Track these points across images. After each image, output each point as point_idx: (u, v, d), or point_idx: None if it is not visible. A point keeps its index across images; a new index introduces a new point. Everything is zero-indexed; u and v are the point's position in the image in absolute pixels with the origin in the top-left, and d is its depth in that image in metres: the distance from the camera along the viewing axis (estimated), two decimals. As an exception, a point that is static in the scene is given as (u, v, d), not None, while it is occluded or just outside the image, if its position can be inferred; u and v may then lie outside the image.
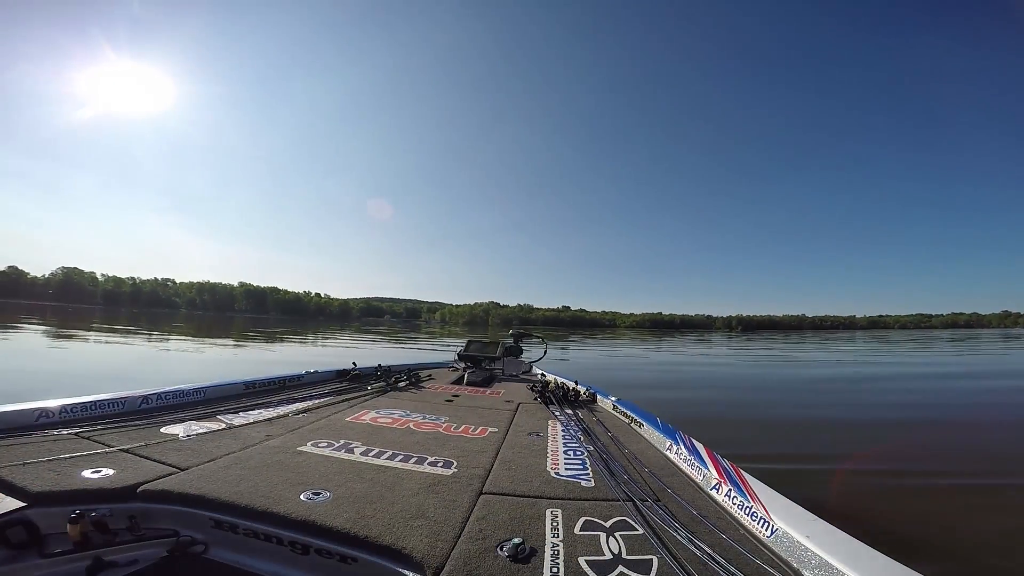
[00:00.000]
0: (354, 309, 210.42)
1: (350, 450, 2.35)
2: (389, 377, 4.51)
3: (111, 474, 1.86)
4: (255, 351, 17.73)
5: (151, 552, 1.70)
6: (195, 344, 19.18)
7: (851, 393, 10.88)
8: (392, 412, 3.25)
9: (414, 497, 1.81)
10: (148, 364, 12.56)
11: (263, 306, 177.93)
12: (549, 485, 2.04)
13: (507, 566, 1.39)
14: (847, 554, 1.37)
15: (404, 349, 19.96)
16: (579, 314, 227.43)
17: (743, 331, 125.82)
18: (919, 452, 5.63)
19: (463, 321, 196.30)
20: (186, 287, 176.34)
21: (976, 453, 5.57)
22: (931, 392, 10.92)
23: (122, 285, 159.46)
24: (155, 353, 15.28)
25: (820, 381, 12.75)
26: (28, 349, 14.23)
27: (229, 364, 13.46)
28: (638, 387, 10.59)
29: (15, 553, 1.53)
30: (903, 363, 18.52)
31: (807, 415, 7.86)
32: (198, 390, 3.25)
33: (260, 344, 20.97)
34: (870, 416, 7.85)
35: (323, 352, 18.67)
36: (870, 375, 14.20)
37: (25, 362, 11.46)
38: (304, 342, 23.16)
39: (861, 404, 9.28)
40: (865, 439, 6.22)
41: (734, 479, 1.97)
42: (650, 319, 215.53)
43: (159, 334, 23.62)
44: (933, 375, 14.24)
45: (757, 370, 15.67)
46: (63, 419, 2.49)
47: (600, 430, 3.04)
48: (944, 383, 12.48)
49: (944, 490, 4.28)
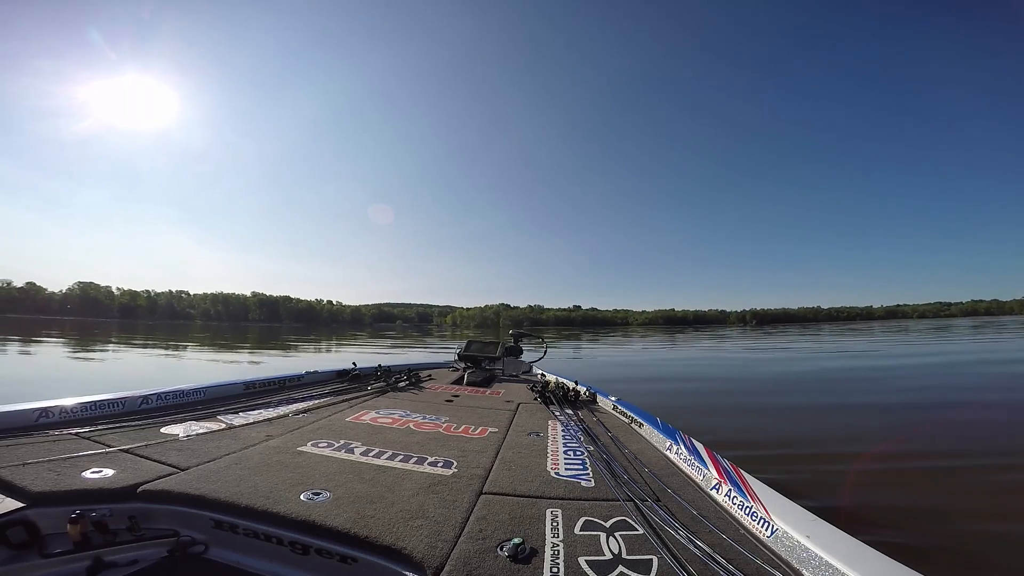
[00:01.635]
0: (366, 315, 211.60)
1: (350, 450, 2.35)
2: (389, 377, 4.52)
3: (111, 474, 1.86)
4: (275, 357, 17.90)
5: (151, 552, 1.70)
6: (221, 353, 19.37)
7: (858, 383, 10.73)
8: (392, 412, 3.25)
9: (414, 497, 1.81)
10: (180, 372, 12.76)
11: (276, 315, 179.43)
12: (549, 485, 2.04)
13: (507, 566, 1.39)
14: (847, 554, 1.37)
15: (405, 350, 19.94)
16: (590, 313, 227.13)
17: (758, 325, 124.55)
18: (934, 445, 5.54)
19: (474, 324, 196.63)
20: (200, 299, 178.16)
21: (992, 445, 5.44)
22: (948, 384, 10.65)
23: (137, 298, 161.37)
24: (193, 363, 15.47)
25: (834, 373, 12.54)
26: (59, 364, 14.35)
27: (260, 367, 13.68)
28: (635, 385, 10.53)
29: (15, 553, 1.53)
30: (919, 353, 18.11)
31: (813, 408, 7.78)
32: (198, 390, 3.26)
33: (281, 351, 21.21)
34: (880, 409, 7.73)
35: (338, 357, 18.67)
36: (880, 367, 13.94)
37: (63, 373, 11.52)
38: (318, 349, 23.21)
39: (871, 396, 9.14)
40: (877, 434, 6.11)
41: (734, 479, 1.97)
42: (663, 316, 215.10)
43: (193, 344, 23.88)
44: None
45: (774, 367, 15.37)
46: (63, 419, 2.50)
47: (600, 430, 3.03)
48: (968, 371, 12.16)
49: (955, 483, 4.21)
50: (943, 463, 4.88)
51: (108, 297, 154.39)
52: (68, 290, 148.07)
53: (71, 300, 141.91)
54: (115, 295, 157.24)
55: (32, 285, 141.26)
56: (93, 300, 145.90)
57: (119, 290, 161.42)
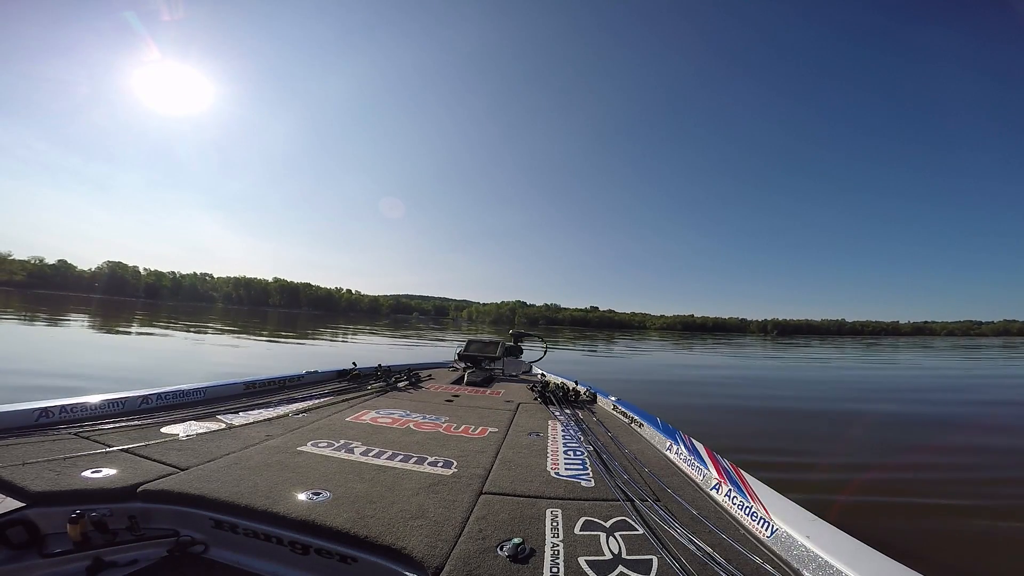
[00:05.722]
0: (383, 306, 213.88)
1: (350, 450, 2.35)
2: (389, 377, 4.52)
3: (111, 474, 1.86)
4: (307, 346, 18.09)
5: (151, 552, 1.70)
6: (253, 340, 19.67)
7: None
8: (392, 412, 3.24)
9: (414, 497, 1.81)
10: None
11: (296, 301, 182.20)
12: (549, 485, 2.04)
13: (507, 566, 1.38)
14: (847, 554, 1.37)
15: (405, 349, 20.01)
16: (607, 315, 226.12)
17: (779, 335, 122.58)
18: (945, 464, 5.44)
19: (489, 320, 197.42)
20: (223, 282, 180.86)
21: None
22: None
23: (163, 279, 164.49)
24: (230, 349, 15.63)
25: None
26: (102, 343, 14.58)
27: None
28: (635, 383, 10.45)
29: (15, 553, 1.53)
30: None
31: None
32: (198, 390, 3.25)
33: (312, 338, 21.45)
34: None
35: (355, 349, 18.77)
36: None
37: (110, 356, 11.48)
38: (336, 340, 23.44)
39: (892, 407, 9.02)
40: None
41: (734, 479, 1.97)
42: (681, 321, 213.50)
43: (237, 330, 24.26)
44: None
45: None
46: (63, 419, 2.49)
47: (600, 430, 3.03)
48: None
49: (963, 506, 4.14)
50: (951, 475, 4.86)
51: (135, 276, 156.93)
52: (97, 269, 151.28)
53: (99, 278, 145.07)
54: (141, 275, 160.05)
55: (63, 263, 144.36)
56: (120, 279, 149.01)
57: (146, 270, 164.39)
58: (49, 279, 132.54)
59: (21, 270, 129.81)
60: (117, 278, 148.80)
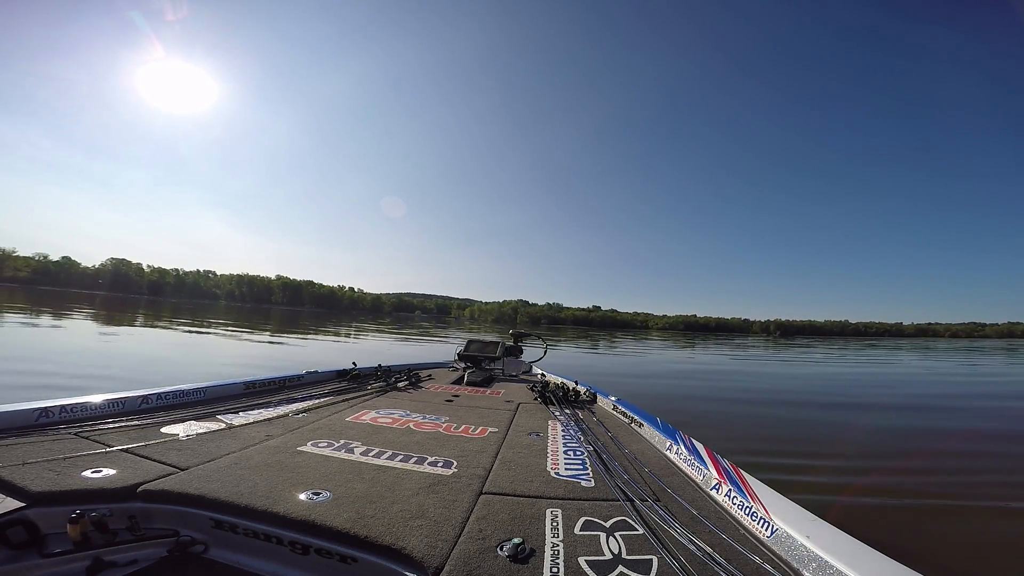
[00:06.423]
0: (386, 304, 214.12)
1: (350, 450, 2.34)
2: (389, 377, 4.50)
3: (111, 474, 1.86)
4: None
5: (151, 552, 1.70)
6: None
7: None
8: (392, 412, 3.24)
9: (414, 497, 1.80)
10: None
11: (299, 299, 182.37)
12: (549, 485, 2.03)
13: (507, 566, 1.38)
14: (847, 554, 1.37)
15: (406, 348, 20.01)
16: (610, 314, 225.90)
17: (781, 336, 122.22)
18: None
19: (492, 319, 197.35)
20: (226, 279, 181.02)
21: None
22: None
23: (166, 276, 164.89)
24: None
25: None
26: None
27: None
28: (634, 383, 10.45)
29: (15, 553, 1.53)
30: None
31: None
32: (198, 390, 3.24)
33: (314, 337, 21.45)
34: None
35: (355, 348, 18.81)
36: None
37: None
38: (338, 339, 23.49)
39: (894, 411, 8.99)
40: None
41: (734, 479, 1.97)
42: (683, 321, 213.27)
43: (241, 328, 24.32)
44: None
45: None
46: (63, 419, 2.48)
47: (600, 430, 3.03)
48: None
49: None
50: (951, 476, 4.87)
51: (138, 273, 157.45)
52: (101, 266, 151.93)
53: (103, 275, 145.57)
54: (145, 272, 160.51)
55: (67, 259, 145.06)
56: (124, 276, 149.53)
57: (149, 267, 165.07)
58: (53, 276, 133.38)
59: (25, 267, 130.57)
60: (121, 275, 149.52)
